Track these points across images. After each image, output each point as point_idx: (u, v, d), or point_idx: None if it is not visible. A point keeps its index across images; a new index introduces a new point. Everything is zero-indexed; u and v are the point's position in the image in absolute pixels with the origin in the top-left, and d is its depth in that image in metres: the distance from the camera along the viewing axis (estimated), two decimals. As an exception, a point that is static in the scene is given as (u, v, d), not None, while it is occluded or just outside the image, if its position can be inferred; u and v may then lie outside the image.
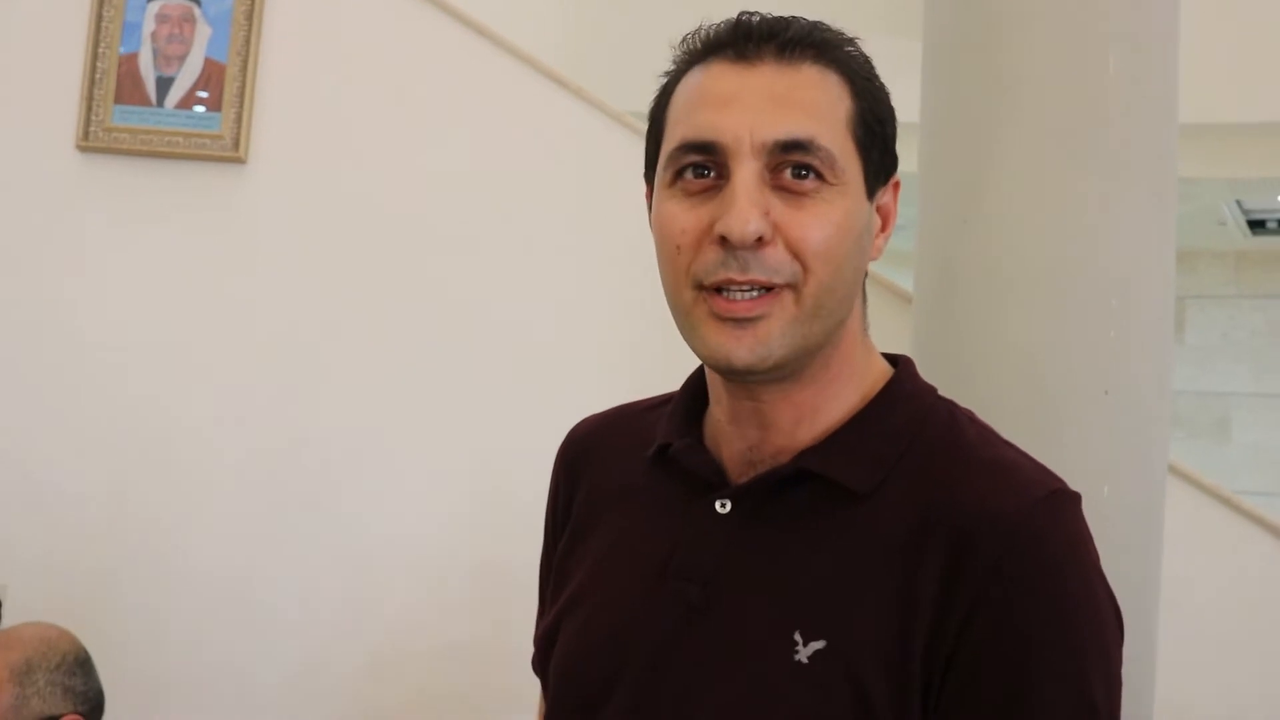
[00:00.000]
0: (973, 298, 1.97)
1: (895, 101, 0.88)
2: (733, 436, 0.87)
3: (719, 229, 0.78)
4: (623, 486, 0.94)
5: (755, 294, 0.79)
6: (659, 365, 2.55)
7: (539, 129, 2.76)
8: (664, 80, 0.87)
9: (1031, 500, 0.78)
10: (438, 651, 2.63)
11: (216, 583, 2.63)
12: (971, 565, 0.76)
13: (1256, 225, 5.44)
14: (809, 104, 0.80)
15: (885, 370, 0.89)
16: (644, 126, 2.82)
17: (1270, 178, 4.71)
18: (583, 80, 2.80)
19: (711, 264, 0.79)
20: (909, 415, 0.86)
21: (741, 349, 0.79)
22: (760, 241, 0.78)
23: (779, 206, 0.79)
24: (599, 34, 4.18)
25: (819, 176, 0.79)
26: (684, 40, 0.86)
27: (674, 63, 0.87)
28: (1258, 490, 5.12)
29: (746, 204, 0.77)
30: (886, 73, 0.89)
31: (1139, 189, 1.93)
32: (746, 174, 0.78)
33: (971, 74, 2.03)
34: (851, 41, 0.85)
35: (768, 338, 0.79)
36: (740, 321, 0.79)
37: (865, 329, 0.89)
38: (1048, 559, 0.77)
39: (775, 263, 0.78)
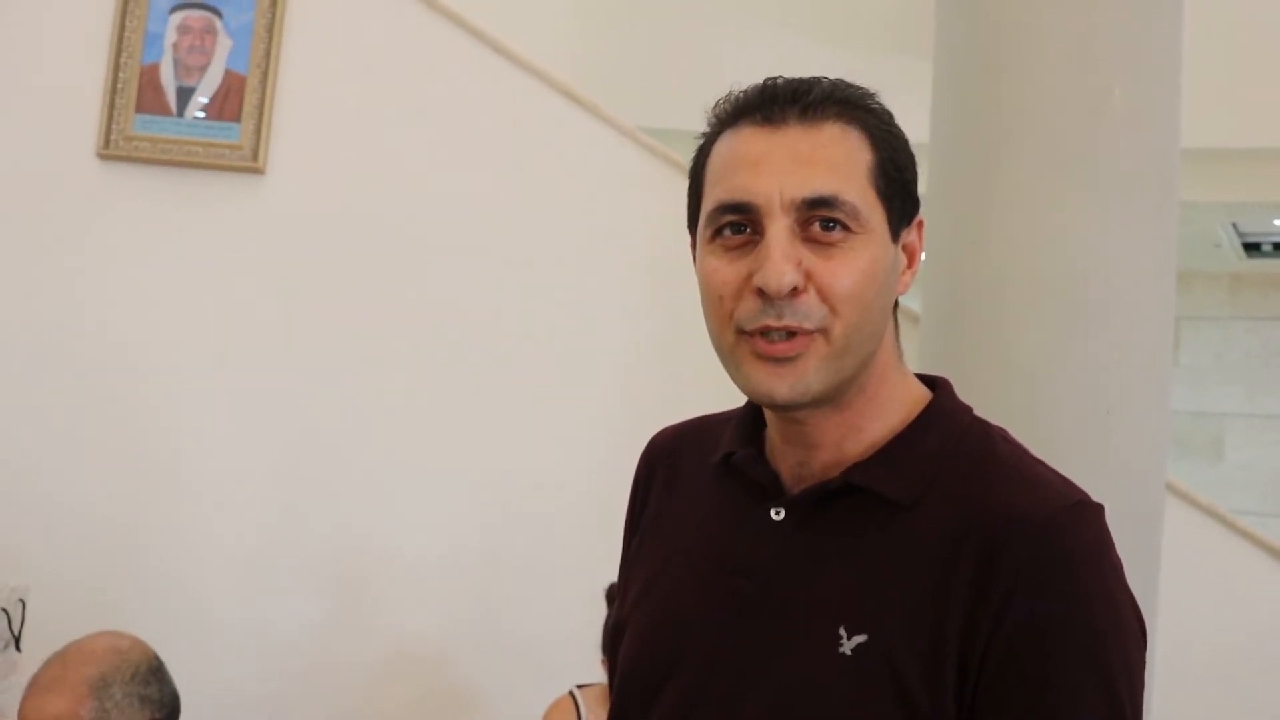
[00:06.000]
0: (978, 318, 2.03)
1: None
2: (785, 453, 0.96)
3: (757, 282, 0.87)
4: (691, 490, 1.03)
5: (791, 337, 0.87)
6: (671, 379, 2.60)
7: (553, 144, 2.81)
8: (700, 142, 0.95)
9: (1057, 508, 0.86)
10: (440, 658, 2.67)
11: (226, 590, 2.67)
12: (1002, 565, 0.84)
13: (1251, 248, 5.52)
14: (832, 161, 0.88)
15: (924, 392, 0.97)
16: (656, 142, 2.84)
17: (1266, 202, 4.78)
18: (596, 97, 2.85)
19: (752, 313, 0.87)
20: (947, 433, 0.94)
21: (783, 386, 0.88)
22: (794, 291, 0.86)
23: (809, 256, 0.87)
24: (613, 52, 4.23)
25: (845, 227, 0.87)
26: (715, 105, 0.94)
27: (707, 125, 0.95)
28: (1250, 510, 5.18)
29: (780, 259, 0.86)
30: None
31: (1141, 213, 1.98)
32: (778, 230, 0.87)
33: (979, 100, 2.08)
34: (871, 96, 0.93)
35: (805, 374, 0.88)
36: (780, 361, 0.87)
37: (899, 356, 0.97)
38: (1071, 558, 0.85)
39: (807, 309, 0.87)
